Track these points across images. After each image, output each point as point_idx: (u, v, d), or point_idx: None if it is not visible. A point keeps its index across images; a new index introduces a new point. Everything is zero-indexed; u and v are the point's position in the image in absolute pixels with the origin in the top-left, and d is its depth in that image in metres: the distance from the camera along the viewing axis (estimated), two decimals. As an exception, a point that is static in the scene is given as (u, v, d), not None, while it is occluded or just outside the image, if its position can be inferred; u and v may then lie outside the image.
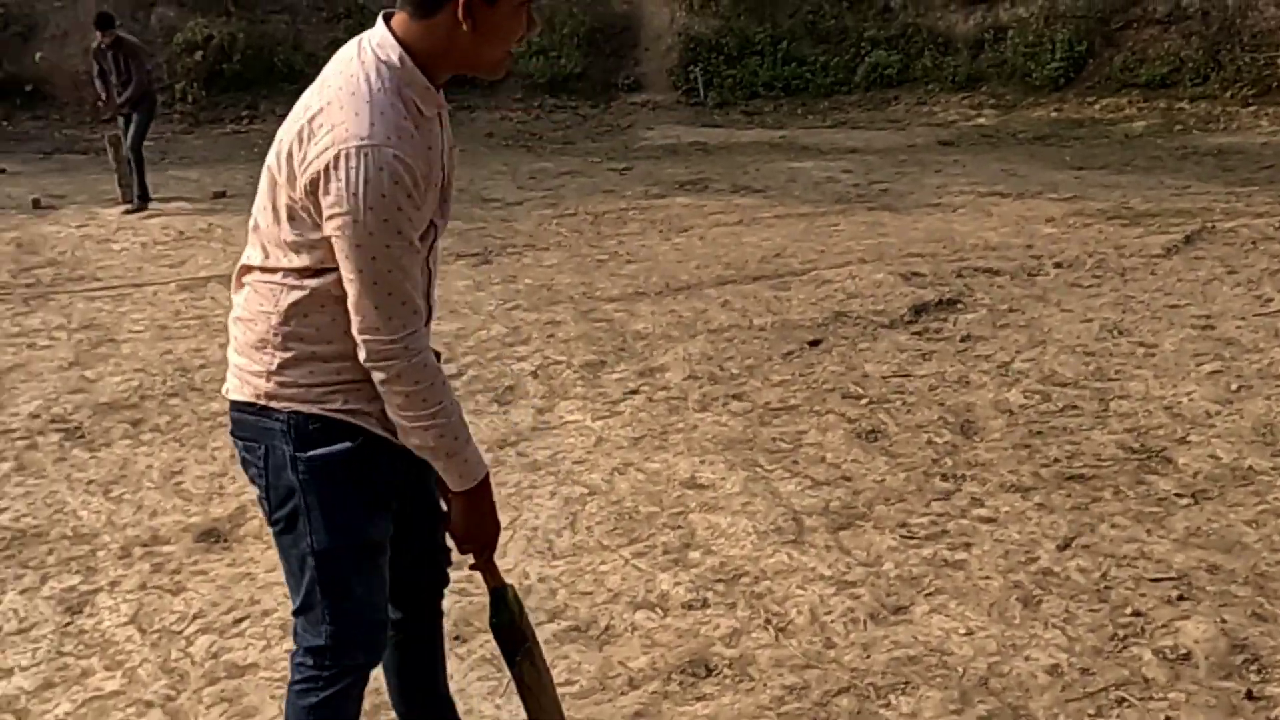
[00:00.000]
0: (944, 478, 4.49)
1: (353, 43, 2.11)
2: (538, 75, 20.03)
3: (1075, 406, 5.20)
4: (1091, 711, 2.98)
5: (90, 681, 3.29)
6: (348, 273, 2.02)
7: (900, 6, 20.07)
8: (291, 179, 2.05)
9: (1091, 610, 3.47)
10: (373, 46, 2.07)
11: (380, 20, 2.10)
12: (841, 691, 3.12)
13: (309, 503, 2.16)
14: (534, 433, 5.13)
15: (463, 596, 3.69)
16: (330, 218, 2.00)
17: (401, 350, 2.05)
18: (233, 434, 2.26)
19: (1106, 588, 3.60)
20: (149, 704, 3.17)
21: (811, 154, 14.44)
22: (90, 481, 4.71)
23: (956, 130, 16.36)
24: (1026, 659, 3.23)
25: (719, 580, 3.75)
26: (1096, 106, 17.12)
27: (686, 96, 19.90)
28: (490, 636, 3.37)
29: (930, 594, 3.61)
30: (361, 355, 2.07)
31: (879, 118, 17.85)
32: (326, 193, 1.99)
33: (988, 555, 3.84)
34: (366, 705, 2.53)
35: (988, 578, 3.69)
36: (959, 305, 6.87)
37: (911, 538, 4.00)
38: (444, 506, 2.37)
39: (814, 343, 6.27)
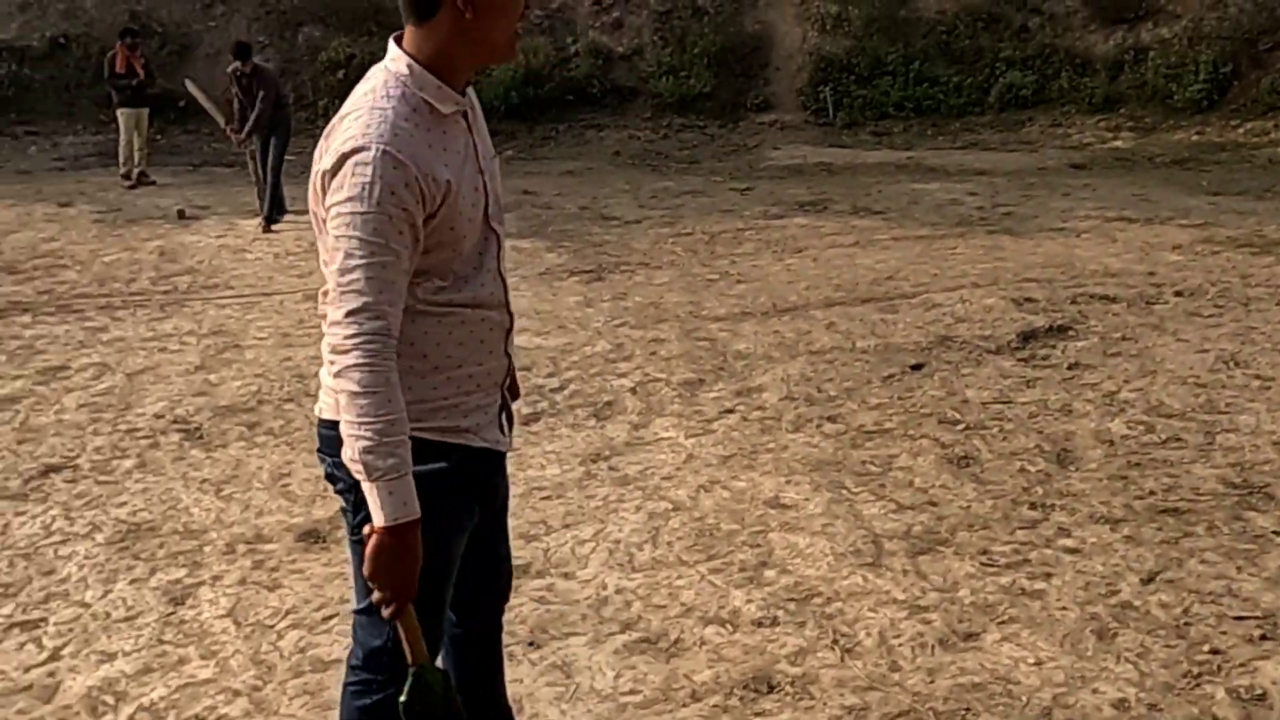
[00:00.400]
0: (1032, 506, 4.45)
1: (374, 68, 2.23)
2: (667, 95, 20.21)
3: (1179, 439, 5.09)
4: (1154, 747, 2.95)
5: (186, 669, 3.48)
6: (332, 264, 2.09)
7: (1038, 27, 19.73)
8: (317, 198, 2.16)
9: (1168, 646, 3.41)
10: (386, 64, 2.19)
11: (390, 41, 2.21)
12: (901, 715, 3.13)
13: None
14: (627, 448, 5.22)
15: (540, 604, 3.81)
16: (329, 215, 2.09)
17: (353, 343, 2.04)
18: (319, 451, 2.35)
19: (1186, 624, 3.53)
20: (237, 692, 3.35)
21: (938, 175, 14.29)
22: (204, 480, 4.95)
23: (1090, 153, 16.01)
24: (1094, 692, 3.20)
25: (791, 599, 3.79)
26: (1240, 130, 16.57)
27: (815, 117, 19.85)
28: (564, 643, 3.49)
29: (1003, 622, 3.59)
30: (324, 342, 2.12)
31: (1011, 139, 17.56)
32: (327, 193, 2.09)
33: (1067, 586, 3.80)
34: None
35: (1064, 608, 3.66)
36: (1070, 332, 6.76)
37: (991, 565, 3.97)
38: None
39: (916, 366, 6.25)
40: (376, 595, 2.14)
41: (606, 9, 21.83)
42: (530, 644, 3.57)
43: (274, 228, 11.23)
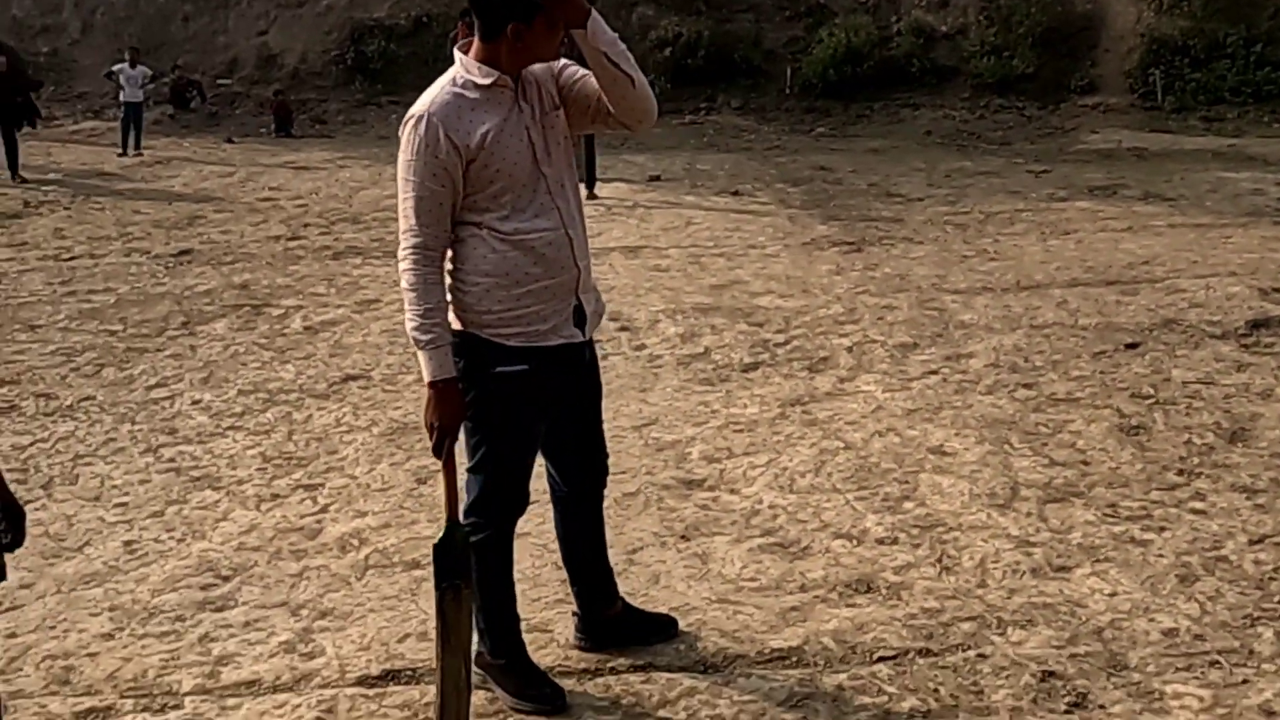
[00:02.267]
0: (1180, 473, 4.74)
1: None
2: (987, 75, 20.14)
3: (1368, 428, 5.17)
4: (1181, 666, 3.33)
5: (415, 527, 4.43)
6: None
7: (1403, 8, 18.31)
8: None
9: (1241, 594, 3.73)
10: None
11: (456, 51, 3.02)
12: (969, 619, 3.64)
13: (492, 405, 3.06)
14: (826, 397, 5.83)
15: (701, 510, 4.52)
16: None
17: (405, 256, 2.97)
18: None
19: (1271, 579, 3.82)
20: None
21: (1254, 165, 13.75)
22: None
23: None
24: (1150, 620, 3.59)
25: (916, 526, 4.32)
26: None
27: (1142, 100, 19.26)
28: (709, 540, 4.19)
29: (1099, 561, 4.00)
30: None
31: (1355, 129, 16.49)
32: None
33: (1175, 539, 4.14)
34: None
35: (1161, 556, 4.01)
36: (1308, 323, 6.74)
37: (1113, 517, 4.35)
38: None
39: (1131, 346, 6.47)
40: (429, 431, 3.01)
41: (933, -12, 21.90)
42: (682, 537, 4.29)
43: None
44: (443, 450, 3.02)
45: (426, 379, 2.97)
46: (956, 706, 3.19)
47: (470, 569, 3.07)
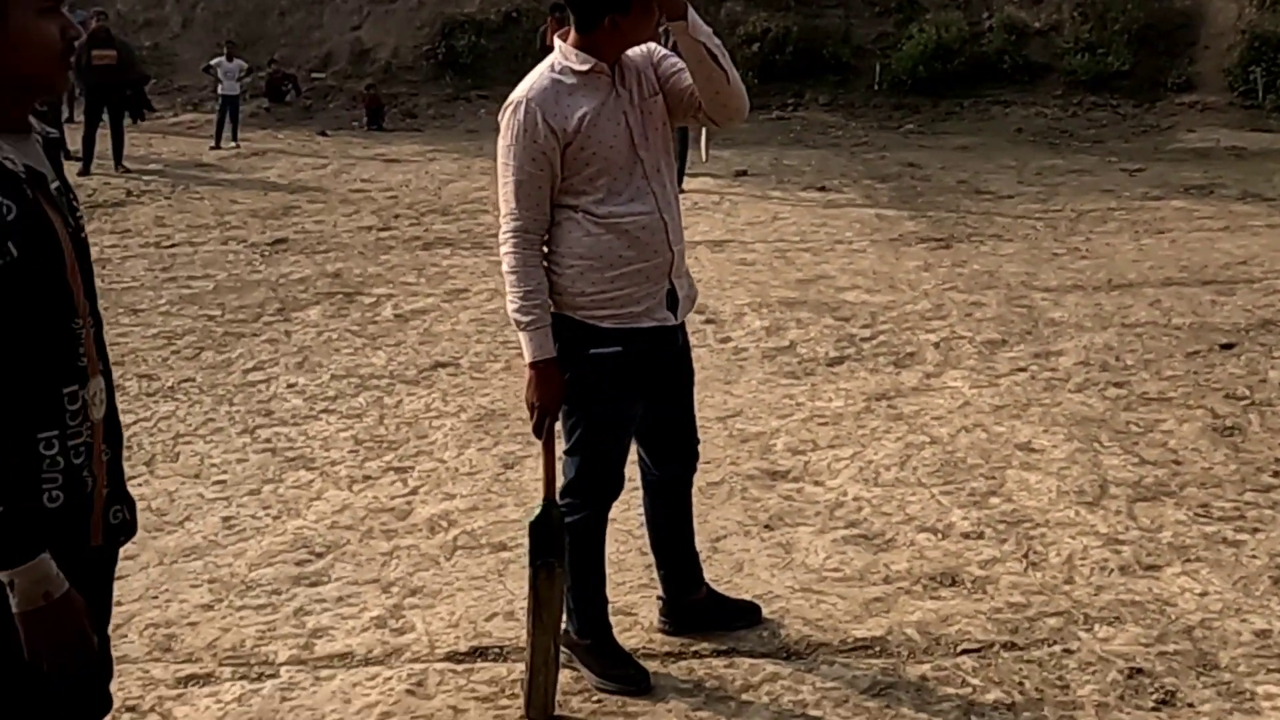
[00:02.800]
0: (1276, 475, 4.65)
1: None
2: (1081, 72, 19.78)
3: None
4: (1273, 668, 3.29)
5: (503, 511, 4.51)
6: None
7: None
8: None
9: (1339, 597, 3.66)
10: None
11: (555, 39, 3.08)
12: (1055, 614, 3.62)
13: (587, 386, 3.11)
14: (913, 392, 5.80)
15: (785, 500, 4.54)
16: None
17: (505, 239, 3.05)
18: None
19: (1370, 583, 3.75)
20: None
21: (1359, 165, 13.37)
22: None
23: None
24: (1242, 621, 3.54)
25: (1003, 521, 4.30)
26: None
27: (1242, 99, 18.78)
28: (793, 530, 4.22)
29: (1190, 560, 3.95)
30: None
31: None
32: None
33: (1269, 541, 4.07)
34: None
35: (1255, 557, 3.95)
36: None
37: (1205, 517, 4.29)
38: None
39: (1226, 346, 6.36)
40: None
41: (1027, -16, 21.57)
42: (766, 526, 4.32)
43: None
44: (543, 430, 3.08)
45: (527, 359, 3.04)
46: (1042, 700, 3.18)
47: (563, 549, 3.12)
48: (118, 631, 3.67)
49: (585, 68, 3.02)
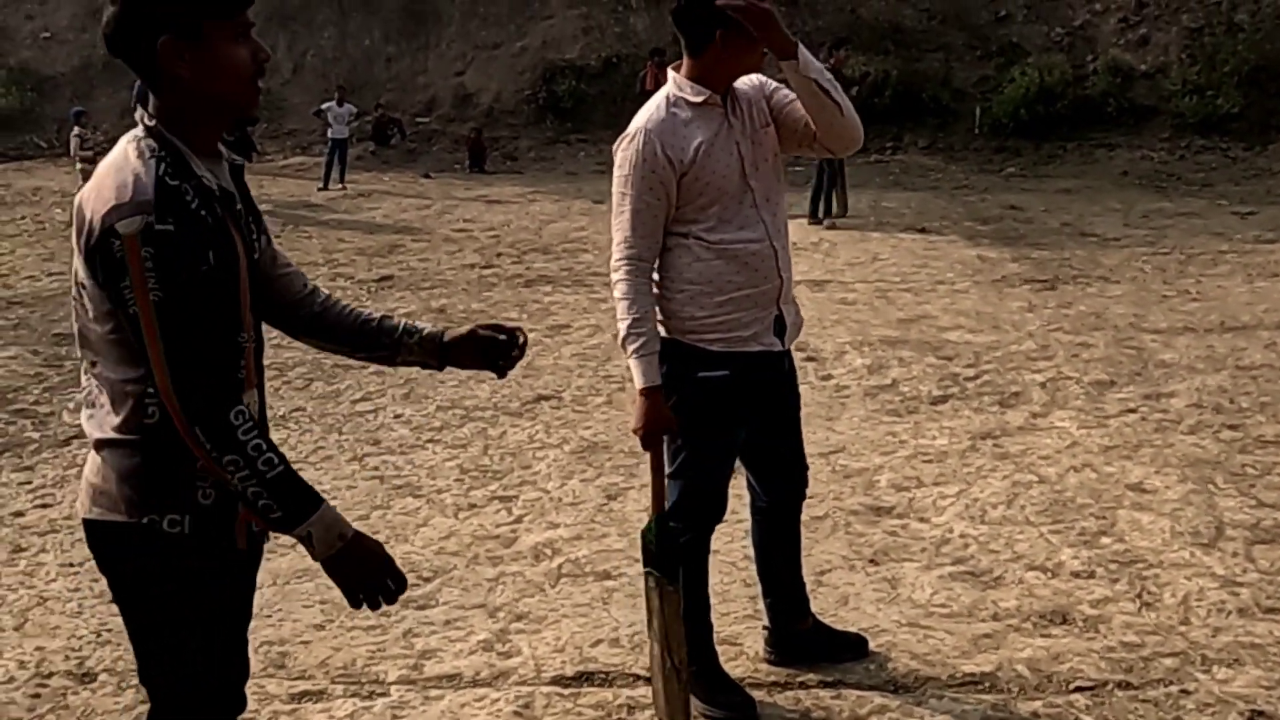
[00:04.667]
0: (1403, 520, 4.50)
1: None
2: (1189, 115, 19.42)
3: None
4: (1405, 715, 3.17)
5: (605, 540, 4.54)
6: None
7: None
8: None
9: None
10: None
11: (670, 71, 3.12)
12: (1171, 655, 3.54)
13: (694, 409, 3.14)
14: (1019, 431, 5.72)
15: (890, 537, 4.50)
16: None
17: (618, 267, 3.08)
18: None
19: None
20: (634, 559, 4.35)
21: None
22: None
23: None
24: (1371, 667, 3.42)
25: (1115, 561, 4.21)
26: None
27: (1358, 141, 18.27)
28: (899, 566, 4.18)
29: (1313, 605, 3.83)
30: None
31: None
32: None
33: (1398, 586, 3.93)
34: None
35: (1382, 602, 3.82)
36: None
37: (1328, 561, 4.16)
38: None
39: (1347, 389, 6.17)
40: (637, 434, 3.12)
41: (1132, 26, 21.29)
42: (871, 561, 4.29)
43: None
44: (653, 447, 3.12)
45: (637, 386, 3.07)
46: (1159, 740, 3.11)
47: (670, 563, 3.12)
48: (234, 648, 3.77)
49: (699, 99, 3.07)
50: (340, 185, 16.95)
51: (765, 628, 3.59)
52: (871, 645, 3.62)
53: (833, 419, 5.97)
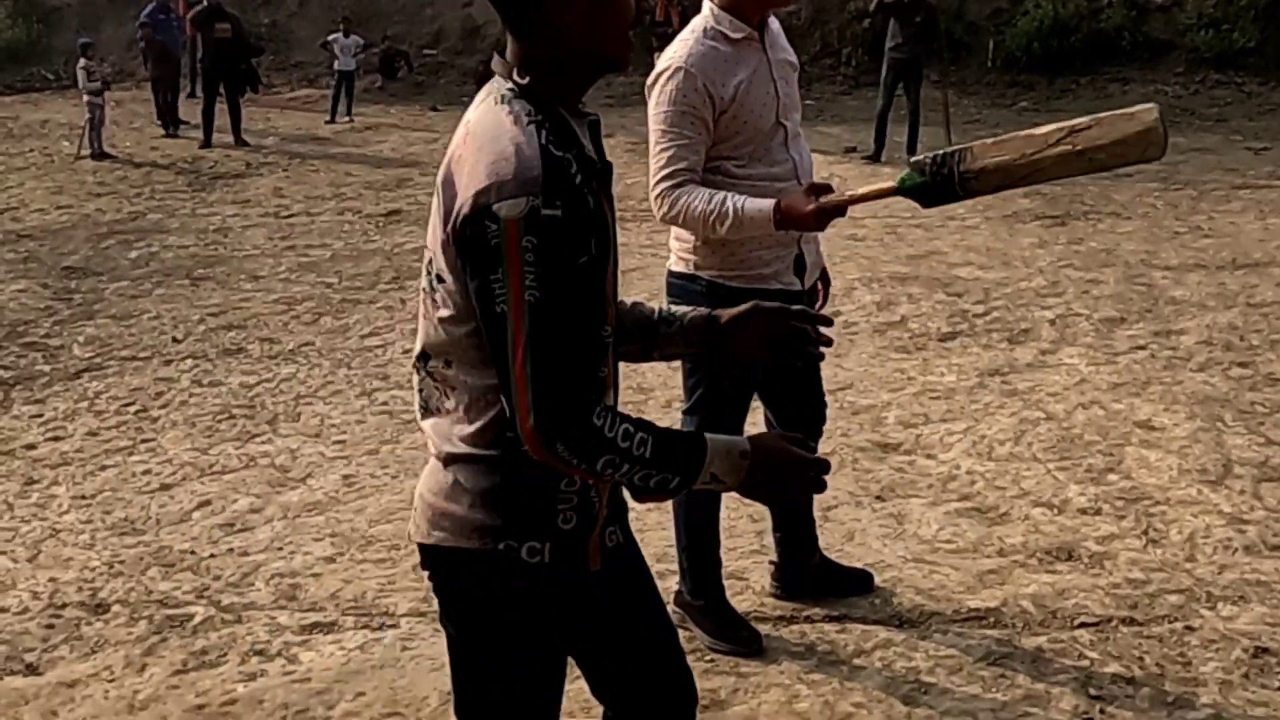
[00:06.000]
0: None
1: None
2: (1204, 49, 19.14)
3: None
4: (1407, 651, 3.19)
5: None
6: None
7: None
8: None
9: None
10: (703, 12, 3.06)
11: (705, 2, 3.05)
12: (1176, 591, 3.56)
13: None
14: (1027, 368, 5.71)
15: (897, 473, 4.51)
16: (650, 119, 3.03)
17: (663, 192, 2.97)
18: (667, 295, 3.28)
19: None
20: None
21: None
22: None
23: None
24: (1376, 603, 3.44)
25: (1121, 498, 4.22)
26: None
27: (1378, 75, 18.04)
28: (905, 501, 4.19)
29: (1319, 542, 3.84)
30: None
31: None
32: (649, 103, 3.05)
33: (1404, 524, 3.94)
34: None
35: (1389, 541, 3.83)
36: None
37: (1335, 498, 4.16)
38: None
39: (1358, 327, 6.14)
40: None
41: (1149, -42, 20.96)
42: (877, 497, 4.30)
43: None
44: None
45: (767, 214, 2.86)
46: (1163, 676, 3.13)
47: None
48: (245, 579, 3.81)
49: (739, 35, 3.03)
50: (348, 118, 16.82)
51: (771, 562, 3.61)
52: (877, 580, 3.64)
53: (841, 356, 5.95)
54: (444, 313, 1.75)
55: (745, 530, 4.01)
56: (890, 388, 5.49)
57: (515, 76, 1.71)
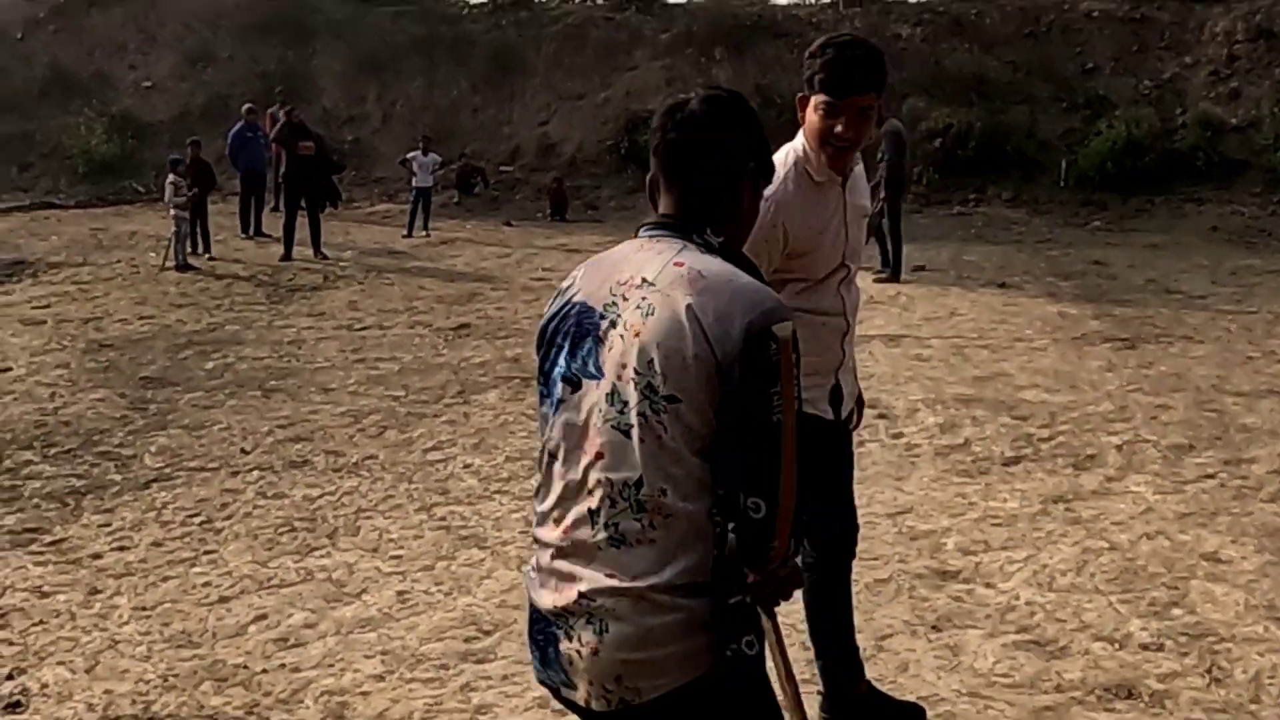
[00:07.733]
0: None
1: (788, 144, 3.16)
2: (1281, 170, 19.03)
3: None
4: None
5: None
6: None
7: None
8: None
9: None
10: (795, 142, 3.12)
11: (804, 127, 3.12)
12: (1240, 735, 3.44)
13: None
14: (1092, 495, 5.62)
15: (954, 602, 4.45)
16: None
17: None
18: None
19: None
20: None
21: None
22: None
23: None
24: None
25: (1185, 634, 4.11)
26: None
27: None
28: (961, 632, 4.13)
29: (1392, 687, 3.70)
30: None
31: None
32: None
33: None
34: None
35: None
36: None
37: None
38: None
39: None
40: None
41: (1223, 79, 20.97)
42: (933, 627, 4.23)
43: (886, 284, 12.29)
44: None
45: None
46: (1223, 825, 3.02)
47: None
48: (295, 696, 3.83)
49: (823, 179, 3.11)
50: (424, 233, 17.23)
51: (819, 693, 3.56)
52: (930, 715, 3.57)
53: (902, 478, 5.91)
54: (674, 435, 1.90)
55: (798, 658, 3.93)
56: (951, 513, 5.43)
57: (709, 236, 2.05)
